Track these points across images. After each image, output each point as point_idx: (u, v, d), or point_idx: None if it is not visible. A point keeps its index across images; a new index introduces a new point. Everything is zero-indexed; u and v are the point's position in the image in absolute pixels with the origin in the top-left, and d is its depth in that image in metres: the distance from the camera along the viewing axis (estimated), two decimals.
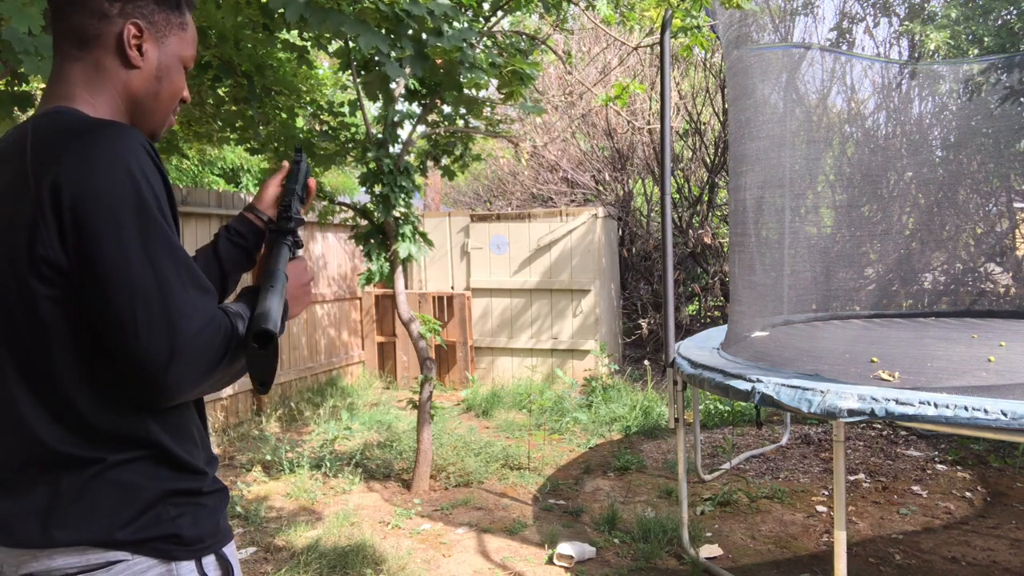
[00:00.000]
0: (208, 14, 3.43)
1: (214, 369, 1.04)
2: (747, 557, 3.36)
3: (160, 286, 0.99)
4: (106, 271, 0.98)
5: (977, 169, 5.41)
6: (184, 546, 1.08)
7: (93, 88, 1.11)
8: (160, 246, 1.00)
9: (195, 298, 1.02)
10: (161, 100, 1.17)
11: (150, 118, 1.17)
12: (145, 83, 1.14)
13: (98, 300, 0.99)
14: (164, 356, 0.98)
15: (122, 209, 0.98)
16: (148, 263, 0.99)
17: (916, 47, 6.15)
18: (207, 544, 1.12)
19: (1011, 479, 4.29)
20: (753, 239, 3.94)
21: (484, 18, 4.22)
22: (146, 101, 1.15)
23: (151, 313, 0.98)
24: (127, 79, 1.12)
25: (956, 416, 2.14)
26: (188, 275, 1.03)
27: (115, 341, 1.00)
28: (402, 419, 5.90)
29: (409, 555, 3.44)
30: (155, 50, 1.14)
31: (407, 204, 4.19)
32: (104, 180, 0.98)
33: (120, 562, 1.03)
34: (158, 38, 1.14)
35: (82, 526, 1.02)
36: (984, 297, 5.27)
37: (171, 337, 0.98)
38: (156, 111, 1.17)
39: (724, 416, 5.74)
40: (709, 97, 8.05)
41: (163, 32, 1.15)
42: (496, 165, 10.04)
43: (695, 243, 7.66)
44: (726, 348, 3.47)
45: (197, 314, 1.01)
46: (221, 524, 1.17)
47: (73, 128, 1.03)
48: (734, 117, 3.88)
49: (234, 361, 1.07)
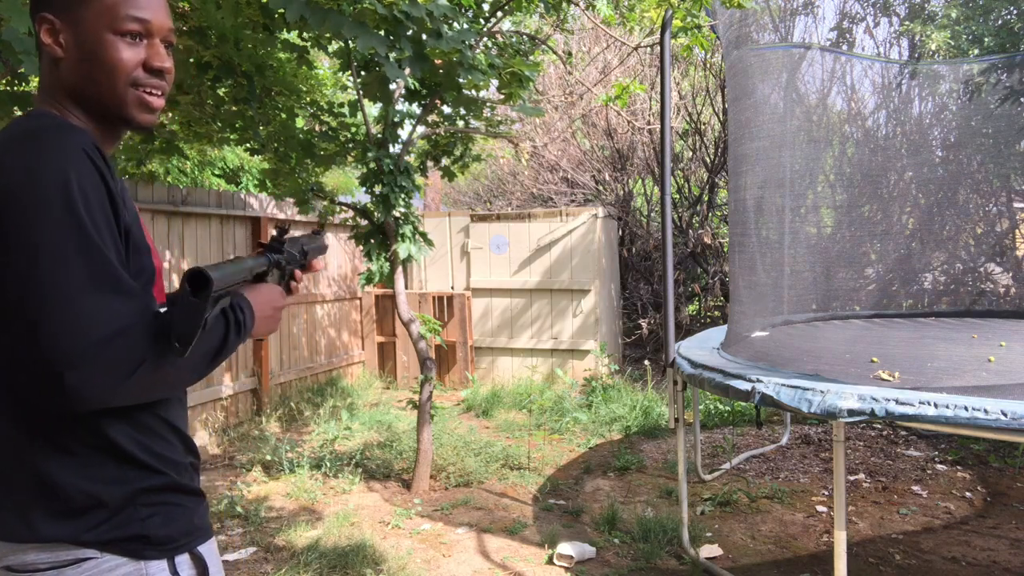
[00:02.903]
0: (208, 14, 3.43)
1: (128, 377, 0.99)
2: (747, 557, 3.36)
3: (65, 290, 0.96)
4: (15, 273, 0.98)
5: (977, 169, 5.41)
6: (154, 546, 1.09)
7: (51, 91, 1.13)
8: (74, 249, 0.98)
9: (111, 303, 0.99)
10: (98, 81, 1.10)
11: (101, 102, 1.12)
12: (74, 71, 1.11)
13: (6, 301, 0.99)
14: (64, 361, 0.95)
15: (39, 211, 0.98)
16: (58, 266, 0.97)
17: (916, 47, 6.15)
18: (180, 543, 1.13)
19: (1011, 479, 4.29)
20: (753, 239, 3.94)
21: (484, 19, 4.22)
22: (84, 87, 1.11)
23: (52, 316, 0.96)
24: (60, 74, 1.12)
25: (956, 416, 2.14)
26: (106, 279, 0.99)
27: (21, 344, 0.99)
28: (402, 419, 5.90)
29: (409, 555, 3.44)
30: (72, 35, 1.10)
31: (407, 204, 4.19)
32: (28, 182, 0.98)
33: (89, 559, 1.05)
34: (72, 22, 1.09)
35: (56, 523, 1.05)
36: (984, 297, 5.27)
37: (73, 342, 0.95)
38: (101, 94, 1.11)
39: (724, 416, 5.74)
40: (709, 97, 8.05)
41: (76, 13, 1.09)
42: (496, 165, 10.04)
43: (695, 243, 7.66)
44: (726, 348, 3.47)
45: (110, 319, 0.98)
46: (196, 523, 1.17)
47: (19, 132, 1.05)
48: (734, 117, 3.88)
49: (159, 367, 1.02)
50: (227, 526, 3.84)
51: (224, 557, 3.45)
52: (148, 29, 1.12)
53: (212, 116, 4.31)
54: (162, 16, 1.14)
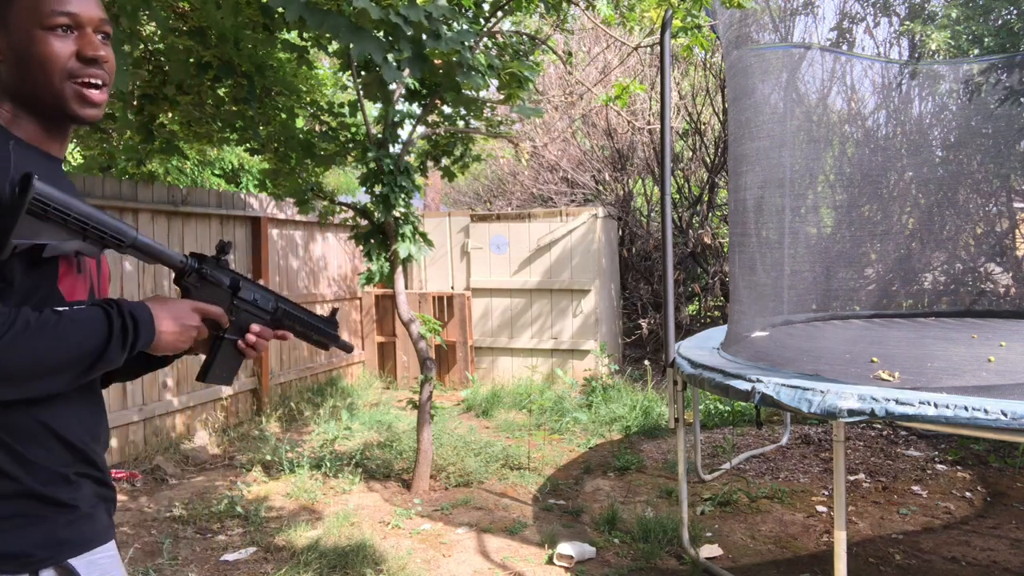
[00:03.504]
0: (208, 14, 3.44)
1: None
2: (747, 557, 3.36)
3: None
4: None
5: (977, 169, 5.41)
6: (9, 559, 1.05)
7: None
8: None
9: None
10: (33, 80, 1.11)
11: (41, 100, 1.12)
12: (12, 72, 1.11)
13: None
14: None
15: None
16: None
17: (916, 47, 6.14)
18: (39, 557, 1.07)
19: (1011, 479, 4.29)
20: (753, 239, 3.94)
21: (484, 19, 4.22)
22: (20, 87, 1.12)
23: None
24: (1, 77, 1.12)
25: (956, 416, 2.14)
26: None
27: None
28: (402, 419, 5.90)
29: (409, 555, 3.44)
30: (4, 37, 1.10)
31: (407, 204, 4.19)
32: None
33: None
34: (3, 24, 1.10)
35: None
36: (984, 297, 5.27)
37: None
38: (39, 91, 1.11)
39: (724, 416, 5.74)
40: (709, 97, 8.05)
41: (5, 15, 1.10)
42: (496, 165, 10.04)
43: (695, 243, 7.66)
44: (726, 348, 3.47)
45: None
46: (63, 535, 1.10)
47: None
48: (734, 117, 3.88)
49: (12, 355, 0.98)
50: (227, 526, 3.85)
51: (224, 557, 3.46)
52: (77, 21, 1.12)
53: (212, 116, 4.31)
54: (90, 7, 1.13)
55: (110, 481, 1.22)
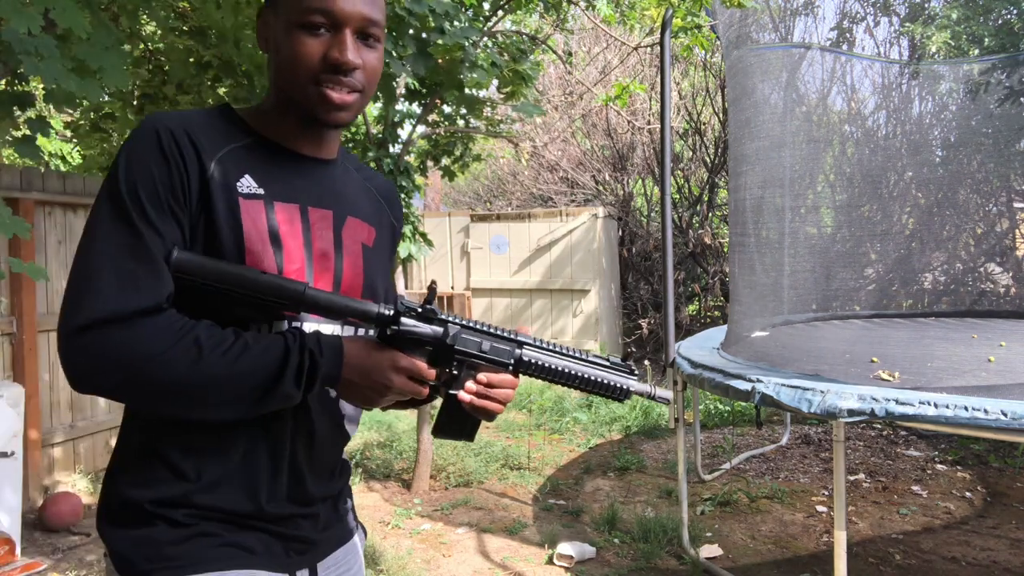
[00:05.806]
0: (208, 14, 3.43)
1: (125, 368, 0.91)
2: (747, 557, 3.36)
3: (89, 262, 0.94)
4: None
5: (977, 169, 5.41)
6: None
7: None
8: (108, 227, 0.95)
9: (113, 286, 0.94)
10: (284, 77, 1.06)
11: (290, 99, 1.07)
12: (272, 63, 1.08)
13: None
14: (66, 331, 0.91)
15: (101, 191, 0.98)
16: (91, 241, 0.95)
17: (916, 47, 6.15)
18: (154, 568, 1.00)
19: (1011, 479, 4.29)
20: (753, 239, 3.94)
21: (484, 18, 4.22)
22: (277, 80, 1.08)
23: (72, 286, 0.94)
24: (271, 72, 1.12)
25: (956, 416, 2.14)
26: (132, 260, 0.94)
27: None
28: (402, 419, 5.90)
29: (409, 555, 3.44)
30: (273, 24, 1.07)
31: (407, 204, 4.19)
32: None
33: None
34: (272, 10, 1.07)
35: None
36: (984, 297, 5.27)
37: (77, 316, 0.91)
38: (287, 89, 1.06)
39: (724, 416, 5.74)
40: (709, 97, 8.05)
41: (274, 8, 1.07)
42: (496, 165, 10.05)
43: (695, 243, 7.66)
44: (726, 348, 3.47)
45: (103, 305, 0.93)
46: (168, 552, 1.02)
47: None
48: (734, 117, 3.88)
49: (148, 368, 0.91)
50: None
51: None
52: (334, 20, 1.01)
53: None
54: (352, 4, 1.01)
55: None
